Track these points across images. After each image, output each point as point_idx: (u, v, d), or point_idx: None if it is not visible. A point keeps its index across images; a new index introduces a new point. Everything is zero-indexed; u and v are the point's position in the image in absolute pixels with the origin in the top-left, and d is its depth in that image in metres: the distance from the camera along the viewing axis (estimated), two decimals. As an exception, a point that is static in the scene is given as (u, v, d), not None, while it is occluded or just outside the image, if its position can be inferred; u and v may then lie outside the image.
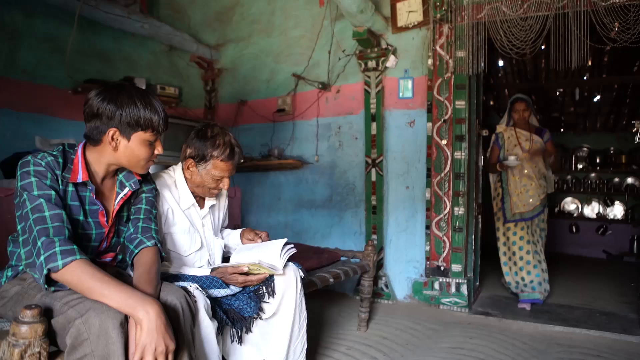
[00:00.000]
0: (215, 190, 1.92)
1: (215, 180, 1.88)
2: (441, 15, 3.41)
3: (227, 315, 1.77)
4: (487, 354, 2.64)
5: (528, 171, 3.79)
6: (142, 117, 1.43)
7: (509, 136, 3.91)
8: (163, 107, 1.51)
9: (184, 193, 1.91)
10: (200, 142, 1.85)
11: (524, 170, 3.79)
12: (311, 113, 4.16)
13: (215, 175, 1.86)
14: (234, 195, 3.30)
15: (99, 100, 1.40)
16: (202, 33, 4.77)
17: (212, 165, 1.85)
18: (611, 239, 6.81)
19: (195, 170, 1.87)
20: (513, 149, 3.85)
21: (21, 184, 1.35)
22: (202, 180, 1.88)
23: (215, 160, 1.84)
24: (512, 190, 3.82)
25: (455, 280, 3.43)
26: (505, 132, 3.94)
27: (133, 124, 1.43)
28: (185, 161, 1.89)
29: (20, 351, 1.14)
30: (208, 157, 1.84)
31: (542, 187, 3.81)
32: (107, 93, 1.41)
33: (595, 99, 6.48)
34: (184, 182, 1.92)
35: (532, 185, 3.76)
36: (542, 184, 3.82)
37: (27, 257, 1.42)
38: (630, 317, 3.36)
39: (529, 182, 3.78)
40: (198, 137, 1.86)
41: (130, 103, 1.41)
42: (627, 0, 2.80)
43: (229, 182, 1.92)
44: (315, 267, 2.68)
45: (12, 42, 3.28)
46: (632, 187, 6.82)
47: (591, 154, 7.15)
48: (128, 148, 1.46)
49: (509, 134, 3.91)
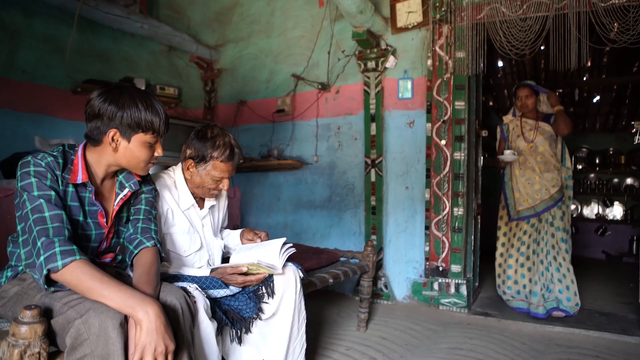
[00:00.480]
0: (214, 191, 1.93)
1: (215, 181, 1.89)
2: (440, 16, 3.41)
3: (226, 316, 1.77)
4: (486, 355, 2.64)
5: (532, 163, 3.56)
6: (143, 118, 1.43)
7: (514, 127, 3.72)
8: (164, 109, 1.51)
9: (184, 193, 1.92)
10: (200, 143, 1.85)
11: (527, 162, 3.58)
12: (311, 113, 4.16)
13: (215, 176, 1.87)
14: (233, 195, 3.30)
15: (101, 100, 1.41)
16: (202, 33, 4.77)
17: (212, 166, 1.85)
18: (610, 239, 6.82)
19: (195, 171, 1.88)
20: (516, 140, 3.67)
21: (21, 184, 1.35)
22: (201, 180, 1.88)
23: (215, 161, 1.85)
24: (514, 185, 3.64)
25: (455, 281, 3.44)
26: (511, 123, 3.77)
27: (134, 125, 1.43)
28: (185, 162, 1.89)
29: (20, 351, 1.14)
30: (208, 157, 1.84)
31: (552, 180, 3.49)
32: (109, 94, 1.42)
33: (594, 99, 6.49)
34: (183, 182, 1.92)
35: (537, 179, 3.51)
36: (552, 176, 3.50)
37: (27, 258, 1.42)
38: (629, 318, 3.36)
39: (533, 175, 3.54)
40: (198, 137, 1.86)
41: (131, 104, 1.41)
42: (626, 1, 2.81)
43: (228, 183, 1.92)
44: (314, 268, 2.68)
45: (12, 42, 3.28)
46: (632, 188, 6.82)
47: (590, 155, 7.16)
48: (128, 149, 1.46)
49: (515, 124, 3.73)
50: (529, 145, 3.58)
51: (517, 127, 3.70)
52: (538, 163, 3.56)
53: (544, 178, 3.51)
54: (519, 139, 3.66)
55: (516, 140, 3.69)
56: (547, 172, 3.53)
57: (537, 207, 3.52)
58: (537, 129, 3.59)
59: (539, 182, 3.52)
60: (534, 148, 3.58)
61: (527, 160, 3.60)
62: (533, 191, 3.55)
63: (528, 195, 3.56)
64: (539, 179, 3.53)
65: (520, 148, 3.63)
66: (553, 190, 3.49)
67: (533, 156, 3.58)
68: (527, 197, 3.57)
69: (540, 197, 3.51)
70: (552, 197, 3.48)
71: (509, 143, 3.75)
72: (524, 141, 3.62)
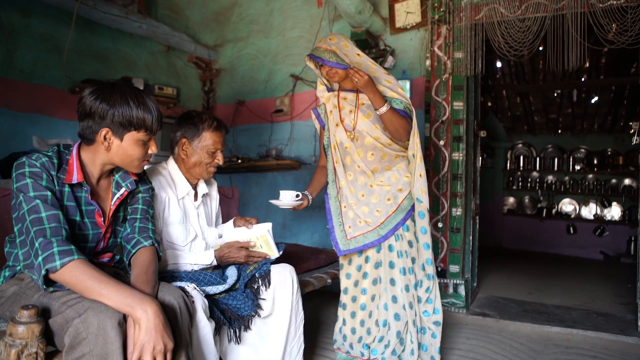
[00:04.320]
0: (211, 167, 2.01)
1: (210, 154, 1.98)
2: (439, 17, 3.42)
3: (224, 315, 1.77)
4: (484, 355, 2.64)
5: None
6: (135, 116, 1.42)
7: (332, 108, 2.38)
8: (157, 106, 1.50)
9: (180, 181, 1.99)
10: (188, 121, 1.98)
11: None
12: (309, 114, 4.15)
13: (209, 147, 1.96)
14: (231, 195, 3.31)
15: (92, 99, 1.40)
16: (200, 33, 4.77)
17: (205, 137, 1.96)
18: (608, 240, 6.83)
19: (190, 148, 1.96)
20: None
21: (17, 185, 1.35)
22: (198, 157, 1.96)
23: (207, 133, 1.96)
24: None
25: (453, 281, 3.44)
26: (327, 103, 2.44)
27: (125, 123, 1.42)
28: (179, 143, 1.97)
29: (17, 351, 1.14)
30: (200, 130, 1.96)
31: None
32: (100, 92, 1.41)
33: (592, 100, 6.50)
34: (178, 171, 2.00)
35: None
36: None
37: (24, 259, 1.42)
38: (627, 318, 3.37)
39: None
40: (184, 118, 2.00)
41: (122, 102, 1.40)
42: (624, 2, 2.81)
43: (223, 157, 2.01)
44: (312, 268, 2.68)
45: (10, 42, 3.27)
46: (630, 189, 6.83)
47: (589, 155, 7.17)
48: (121, 148, 1.45)
49: (331, 105, 2.40)
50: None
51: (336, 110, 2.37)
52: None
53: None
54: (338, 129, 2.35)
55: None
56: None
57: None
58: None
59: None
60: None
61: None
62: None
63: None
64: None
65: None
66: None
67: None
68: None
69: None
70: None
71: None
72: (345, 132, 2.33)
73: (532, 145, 7.59)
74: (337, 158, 2.32)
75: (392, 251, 2.22)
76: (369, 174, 2.26)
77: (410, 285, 2.20)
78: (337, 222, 2.30)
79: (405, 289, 2.19)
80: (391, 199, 2.23)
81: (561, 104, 6.79)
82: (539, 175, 7.42)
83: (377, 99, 2.11)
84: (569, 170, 7.20)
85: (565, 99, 6.65)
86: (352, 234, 2.24)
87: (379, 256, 2.26)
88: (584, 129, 7.22)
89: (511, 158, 7.63)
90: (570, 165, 7.19)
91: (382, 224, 2.21)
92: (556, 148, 7.45)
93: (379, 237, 2.20)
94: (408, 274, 2.20)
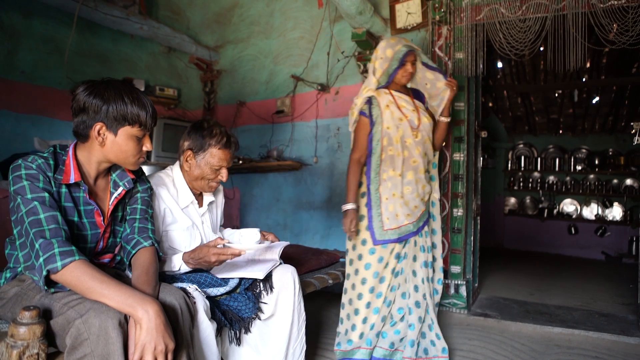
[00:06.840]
0: (214, 182, 1.94)
1: (214, 171, 1.91)
2: (440, 17, 3.41)
3: (225, 317, 1.76)
4: (485, 356, 2.63)
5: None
6: (129, 111, 1.42)
7: (388, 103, 2.43)
8: (151, 103, 1.50)
9: (183, 191, 1.93)
10: (197, 132, 1.89)
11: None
12: (310, 114, 4.16)
13: (213, 164, 1.89)
14: (232, 196, 3.31)
15: (86, 94, 1.40)
16: (201, 34, 4.77)
17: (210, 154, 1.88)
18: (610, 240, 6.83)
19: (194, 161, 1.90)
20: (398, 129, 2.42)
21: (14, 188, 1.35)
22: (201, 171, 1.90)
23: (213, 149, 1.88)
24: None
25: (454, 282, 3.43)
26: (379, 97, 2.44)
27: (120, 118, 1.42)
28: (184, 154, 1.91)
29: (19, 352, 1.14)
30: (206, 146, 1.88)
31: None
32: (94, 88, 1.42)
33: (593, 100, 6.50)
34: (182, 179, 1.94)
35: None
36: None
37: (25, 260, 1.41)
38: (629, 319, 3.36)
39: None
40: (195, 128, 1.91)
41: (117, 98, 1.41)
42: (625, 2, 2.81)
43: (227, 174, 1.94)
44: (314, 269, 2.68)
45: (11, 43, 3.28)
46: (631, 189, 6.83)
47: (590, 156, 7.17)
48: (115, 143, 1.45)
49: (386, 99, 2.44)
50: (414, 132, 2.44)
51: (393, 104, 2.44)
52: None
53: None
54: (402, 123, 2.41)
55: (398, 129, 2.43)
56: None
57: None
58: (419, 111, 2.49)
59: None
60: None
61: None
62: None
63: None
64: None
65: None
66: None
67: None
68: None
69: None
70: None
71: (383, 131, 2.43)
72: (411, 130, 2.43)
73: (533, 145, 7.59)
74: (397, 151, 2.41)
75: (416, 246, 2.44)
76: (420, 170, 2.43)
77: (428, 277, 2.44)
78: (376, 212, 2.42)
79: (427, 279, 2.43)
80: (425, 198, 2.47)
81: (562, 104, 6.78)
82: (540, 175, 7.42)
83: (449, 109, 2.50)
84: (570, 171, 7.19)
85: (566, 99, 6.64)
86: (389, 226, 2.38)
87: (405, 249, 2.44)
88: (585, 129, 7.22)
89: (512, 158, 7.63)
90: (572, 165, 7.19)
91: (417, 219, 2.41)
92: (557, 148, 7.45)
93: (413, 231, 2.40)
94: (428, 268, 2.44)
